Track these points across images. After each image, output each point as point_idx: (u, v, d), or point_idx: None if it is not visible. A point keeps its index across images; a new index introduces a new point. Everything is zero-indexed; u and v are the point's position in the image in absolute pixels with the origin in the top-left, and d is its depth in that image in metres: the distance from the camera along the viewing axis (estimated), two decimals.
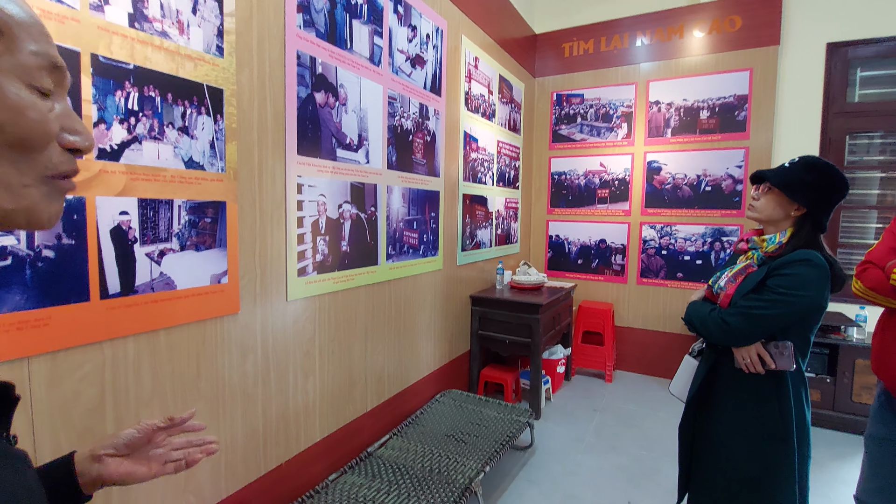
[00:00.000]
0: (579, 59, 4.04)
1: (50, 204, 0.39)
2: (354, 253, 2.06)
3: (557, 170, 4.22)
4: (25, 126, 0.35)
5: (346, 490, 1.83)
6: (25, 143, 0.36)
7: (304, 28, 1.72)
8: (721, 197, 3.58)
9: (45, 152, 0.38)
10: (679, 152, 3.70)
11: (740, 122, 3.48)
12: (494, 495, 2.22)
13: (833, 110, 3.24)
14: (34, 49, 0.36)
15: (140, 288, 1.25)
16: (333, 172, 1.91)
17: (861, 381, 2.83)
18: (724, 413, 1.34)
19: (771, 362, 1.24)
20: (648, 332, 3.87)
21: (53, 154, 0.39)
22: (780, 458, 1.23)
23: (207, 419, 1.46)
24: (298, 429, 1.83)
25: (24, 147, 0.36)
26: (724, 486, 1.32)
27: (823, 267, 1.19)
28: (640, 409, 3.23)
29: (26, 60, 0.36)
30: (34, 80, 0.36)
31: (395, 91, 2.26)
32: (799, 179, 1.24)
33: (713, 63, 3.53)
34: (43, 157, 0.38)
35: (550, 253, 4.29)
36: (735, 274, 1.35)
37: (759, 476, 1.25)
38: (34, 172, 0.37)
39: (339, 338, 2.02)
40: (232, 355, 1.53)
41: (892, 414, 1.39)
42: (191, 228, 1.37)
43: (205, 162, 1.39)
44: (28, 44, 0.36)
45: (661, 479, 2.37)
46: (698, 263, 3.68)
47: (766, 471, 1.24)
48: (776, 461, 1.23)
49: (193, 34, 1.34)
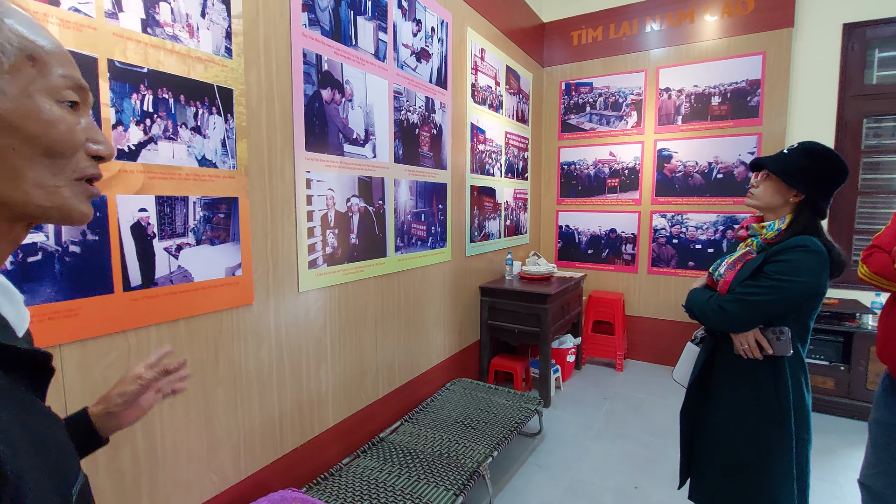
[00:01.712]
0: (588, 47, 4.00)
1: (79, 203, 0.46)
2: (363, 245, 2.11)
3: (567, 160, 4.21)
4: (56, 136, 0.43)
5: (360, 472, 1.91)
6: (56, 150, 0.43)
7: (310, 26, 1.76)
8: (733, 184, 3.54)
9: (73, 159, 0.45)
10: (690, 140, 3.66)
11: (753, 107, 3.42)
12: (503, 479, 2.28)
13: (850, 93, 3.16)
14: (62, 72, 0.44)
15: (160, 280, 1.33)
16: (341, 167, 1.96)
17: (876, 368, 2.79)
18: (723, 398, 1.36)
19: (768, 348, 1.26)
20: (659, 321, 3.86)
21: (81, 160, 0.46)
22: (775, 441, 1.25)
23: (227, 404, 1.54)
24: (312, 414, 1.91)
25: (55, 154, 0.43)
26: (723, 469, 1.35)
27: (820, 253, 1.20)
28: (649, 396, 3.25)
29: (56, 82, 0.43)
30: (63, 97, 0.44)
31: (401, 85, 2.29)
32: (797, 166, 1.25)
33: (725, 48, 3.47)
34: (72, 163, 0.45)
35: (560, 243, 4.29)
36: (734, 261, 1.36)
37: (755, 459, 1.28)
38: (64, 175, 0.44)
39: (350, 328, 2.09)
40: (248, 344, 1.61)
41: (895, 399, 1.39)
42: (205, 224, 1.44)
43: (217, 160, 1.46)
44: (57, 68, 0.43)
45: (667, 464, 2.39)
46: (710, 252, 3.65)
47: (762, 454, 1.27)
48: (772, 445, 1.25)
49: (203, 37, 1.39)
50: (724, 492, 1.35)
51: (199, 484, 1.47)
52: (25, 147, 0.41)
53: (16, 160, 0.41)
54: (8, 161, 0.40)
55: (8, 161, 0.40)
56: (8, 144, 0.40)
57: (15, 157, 0.41)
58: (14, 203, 0.42)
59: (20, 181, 0.41)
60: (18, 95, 0.40)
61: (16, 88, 0.40)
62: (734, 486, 1.32)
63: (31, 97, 0.41)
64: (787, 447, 1.23)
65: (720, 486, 1.36)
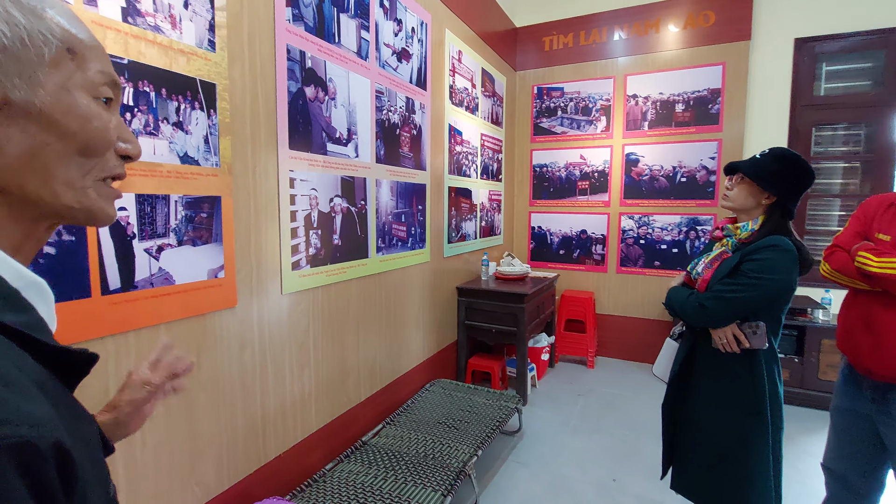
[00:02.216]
0: (559, 52, 4.11)
1: (105, 204, 0.44)
2: (346, 246, 2.08)
3: (539, 162, 4.30)
4: (93, 133, 0.40)
5: (345, 477, 1.88)
6: (91, 148, 0.41)
7: (294, 22, 1.72)
8: (696, 187, 3.71)
9: (104, 158, 0.43)
10: (656, 145, 3.81)
11: (713, 114, 3.61)
12: (486, 477, 2.30)
13: (800, 103, 3.39)
14: (99, 68, 0.42)
15: (140, 283, 1.26)
16: (324, 166, 1.92)
17: (826, 360, 3.01)
18: (703, 390, 1.43)
19: (745, 341, 1.33)
20: (628, 318, 4.01)
21: (111, 159, 0.44)
22: (754, 430, 1.32)
23: (209, 412, 1.48)
24: (296, 420, 1.86)
25: (90, 152, 0.41)
26: (704, 459, 1.42)
27: (792, 251, 1.29)
28: (621, 392, 3.36)
29: (94, 77, 0.41)
30: (99, 94, 0.42)
31: (383, 85, 2.28)
32: (769, 170, 1.33)
33: (688, 57, 3.65)
34: (102, 162, 0.43)
35: (533, 244, 4.38)
36: (711, 260, 1.44)
37: (735, 448, 1.35)
38: (93, 175, 0.42)
39: (333, 330, 2.05)
40: (231, 348, 1.55)
41: (855, 387, 1.50)
42: (187, 223, 1.38)
43: (199, 157, 1.40)
44: (95, 63, 0.41)
45: (643, 457, 2.48)
46: (674, 252, 3.82)
47: (742, 443, 1.34)
48: (751, 434, 1.33)
49: (186, 28, 1.34)
50: (707, 480, 1.42)
51: (181, 497, 1.40)
52: (61, 144, 0.39)
53: (49, 157, 0.38)
54: (41, 158, 0.38)
55: (41, 158, 0.38)
56: (44, 140, 0.38)
57: (49, 153, 0.38)
58: (42, 202, 0.39)
59: (50, 179, 0.39)
60: (58, 90, 0.38)
61: (55, 83, 0.38)
62: (716, 474, 1.39)
63: (69, 92, 0.39)
64: (765, 435, 1.31)
65: (702, 475, 1.43)
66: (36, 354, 0.35)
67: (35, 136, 0.37)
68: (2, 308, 0.35)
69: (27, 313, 0.37)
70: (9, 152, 0.36)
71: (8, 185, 0.37)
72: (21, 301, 0.37)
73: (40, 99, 0.37)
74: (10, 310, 0.35)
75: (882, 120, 3.23)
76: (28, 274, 0.39)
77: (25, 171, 0.37)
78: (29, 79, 0.36)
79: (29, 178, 0.38)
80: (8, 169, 0.37)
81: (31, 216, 0.40)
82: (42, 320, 0.39)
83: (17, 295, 0.37)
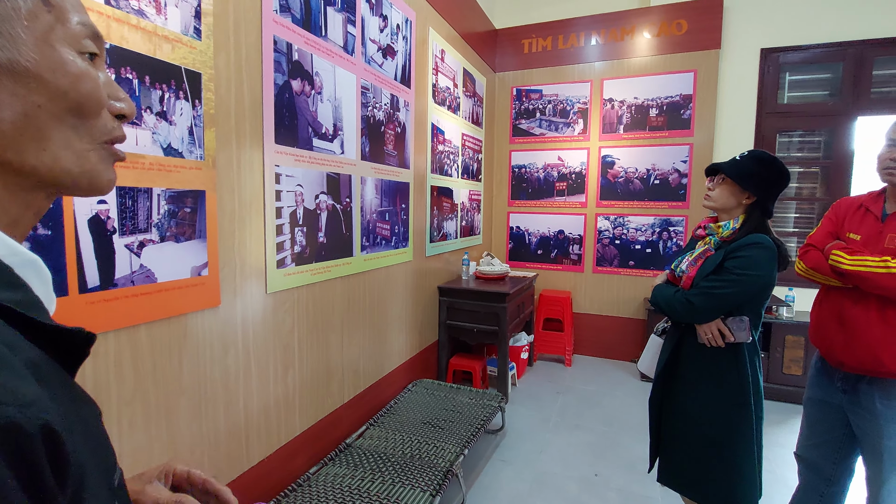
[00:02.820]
0: (538, 55, 4.16)
1: (107, 169, 0.41)
2: (331, 244, 2.04)
3: (518, 163, 4.34)
4: (84, 91, 0.37)
5: (330, 481, 1.83)
6: (84, 108, 0.38)
7: (281, 13, 1.67)
8: (668, 190, 3.84)
9: (99, 118, 0.39)
10: (630, 147, 3.92)
11: (685, 119, 3.74)
12: (472, 476, 2.30)
13: (766, 110, 3.56)
14: (79, 19, 0.38)
15: (120, 281, 1.19)
16: (310, 162, 1.88)
17: (790, 354, 3.16)
18: (689, 384, 1.47)
19: (730, 336, 1.38)
20: (603, 317, 4.09)
21: (107, 120, 0.40)
22: (740, 421, 1.38)
23: (190, 415, 1.42)
24: (279, 423, 1.80)
25: (83, 112, 0.38)
26: (691, 450, 1.46)
27: (772, 249, 1.35)
28: (599, 389, 3.43)
29: (75, 30, 0.37)
30: (83, 47, 0.38)
31: (368, 81, 2.24)
32: (749, 171, 1.39)
33: (661, 64, 3.76)
34: (98, 123, 0.39)
35: (511, 244, 4.41)
36: (695, 258, 1.48)
37: (721, 438, 1.40)
38: (91, 137, 0.39)
39: (318, 330, 2.00)
40: (213, 350, 1.49)
41: (827, 378, 1.58)
42: (170, 219, 1.32)
43: (184, 149, 1.34)
44: (73, 14, 0.38)
45: (622, 451, 2.54)
46: (648, 252, 3.94)
47: (729, 433, 1.39)
48: (737, 424, 1.38)
49: (171, 14, 1.27)
50: (694, 471, 1.46)
51: None
52: (52, 104, 0.36)
53: (43, 119, 0.35)
54: (34, 120, 0.35)
55: (34, 120, 0.35)
56: (34, 102, 0.34)
57: (42, 116, 0.35)
58: (40, 169, 0.36)
59: (47, 143, 0.36)
60: (41, 45, 0.35)
61: (37, 38, 0.35)
62: (703, 465, 1.43)
63: (53, 47, 0.35)
64: (750, 425, 1.36)
65: (690, 466, 1.47)
66: (31, 335, 0.32)
67: (25, 98, 0.34)
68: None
69: (21, 291, 0.34)
70: (1, 118, 0.33)
71: (3, 152, 0.34)
72: (15, 278, 0.34)
73: (24, 56, 0.34)
74: (2, 287, 0.33)
75: (839, 129, 3.43)
76: (23, 251, 0.36)
77: (21, 136, 0.34)
78: (10, 36, 0.33)
79: (26, 145, 0.35)
80: (2, 135, 0.34)
81: (28, 185, 0.37)
82: (38, 299, 0.36)
83: (11, 272, 0.34)
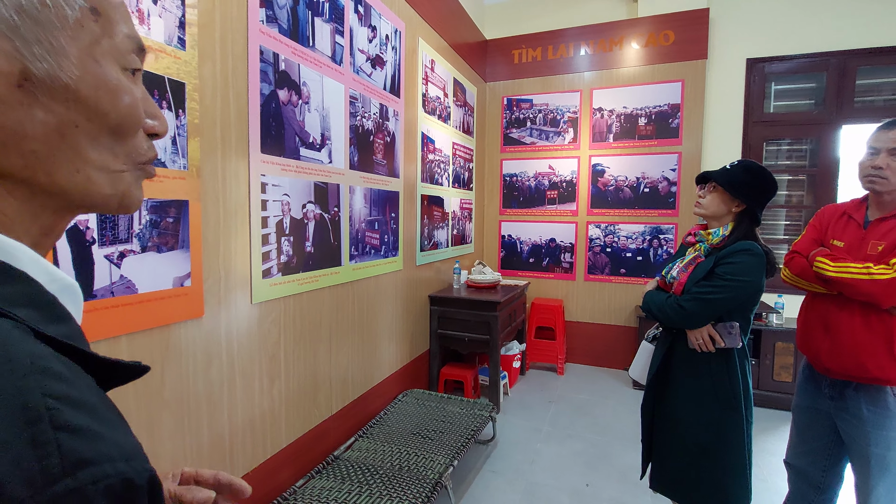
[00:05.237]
0: (528, 65, 4.20)
1: (138, 189, 0.39)
2: (318, 254, 2.02)
3: (509, 172, 4.36)
4: (124, 110, 0.35)
5: (317, 494, 1.80)
6: (122, 127, 0.36)
7: (268, 23, 1.68)
8: (658, 198, 3.86)
9: (134, 137, 0.37)
10: (620, 156, 3.95)
11: (674, 128, 3.78)
12: (462, 488, 2.27)
13: (752, 119, 3.61)
14: (126, 32, 0.36)
15: (99, 292, 1.17)
16: (297, 172, 1.87)
17: (780, 361, 3.17)
18: (681, 389, 1.47)
19: (721, 341, 1.39)
20: (595, 325, 4.09)
21: (141, 140, 0.38)
22: (731, 425, 1.38)
23: (172, 430, 1.39)
24: (265, 435, 1.77)
25: (121, 132, 0.36)
26: (683, 455, 1.46)
27: (761, 255, 1.36)
28: (591, 398, 3.41)
29: (122, 44, 0.35)
30: (127, 63, 0.36)
31: (357, 91, 2.25)
32: (740, 180, 1.40)
33: (650, 74, 3.81)
34: (133, 143, 0.37)
35: (503, 252, 4.42)
36: (686, 264, 1.49)
37: (713, 442, 1.40)
38: (126, 157, 0.37)
39: (305, 341, 1.98)
40: (197, 361, 1.46)
41: (815, 385, 1.59)
42: (152, 229, 1.30)
43: (167, 159, 1.33)
44: (121, 26, 0.35)
45: (614, 460, 2.52)
46: (639, 260, 3.95)
47: (720, 438, 1.39)
48: (728, 429, 1.38)
49: (154, 24, 1.27)
50: (686, 476, 1.45)
51: None
52: (91, 124, 0.33)
53: (79, 139, 0.33)
54: (69, 140, 0.32)
55: (69, 140, 0.32)
56: (71, 120, 0.32)
57: (78, 135, 0.33)
58: (72, 191, 0.34)
59: (82, 164, 0.33)
60: (85, 59, 0.32)
61: (81, 51, 0.32)
62: (695, 470, 1.43)
63: (97, 63, 0.33)
64: (740, 430, 1.37)
65: (682, 472, 1.46)
66: (86, 368, 0.30)
67: (62, 116, 0.32)
68: (44, 319, 0.30)
69: (67, 323, 0.32)
70: (34, 136, 0.31)
71: (34, 173, 0.32)
72: (61, 310, 0.32)
73: (66, 72, 0.31)
74: (52, 321, 0.30)
75: (824, 137, 3.48)
76: (62, 276, 0.33)
77: (54, 157, 0.32)
78: (51, 47, 0.31)
79: (59, 165, 0.32)
80: (34, 156, 0.31)
81: (55, 207, 0.35)
82: (80, 330, 0.34)
83: (57, 303, 0.32)
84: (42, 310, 0.30)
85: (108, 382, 0.34)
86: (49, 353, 0.27)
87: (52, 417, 0.24)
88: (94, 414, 0.26)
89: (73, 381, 0.27)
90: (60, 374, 0.26)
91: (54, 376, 0.26)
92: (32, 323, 0.28)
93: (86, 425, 0.25)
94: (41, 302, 0.31)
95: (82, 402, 0.26)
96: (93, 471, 0.24)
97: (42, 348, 0.27)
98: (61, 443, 0.23)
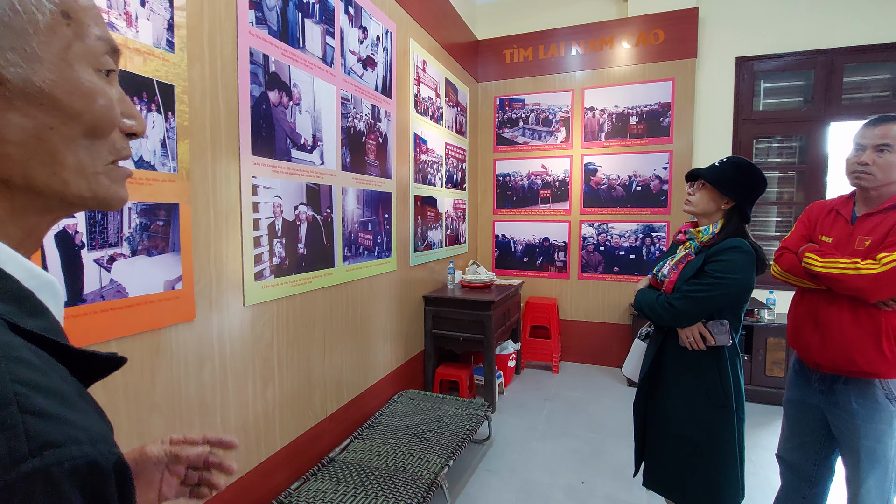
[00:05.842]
0: (520, 65, 4.21)
1: (119, 189, 0.40)
2: (311, 255, 2.02)
3: (502, 171, 4.37)
4: (99, 113, 0.36)
5: (312, 497, 1.80)
6: (98, 129, 0.36)
7: (257, 25, 1.67)
8: (650, 196, 3.89)
9: (110, 138, 0.38)
10: (612, 155, 3.97)
11: (665, 127, 3.80)
12: (457, 488, 2.27)
13: (742, 117, 3.64)
14: (98, 33, 0.36)
15: (89, 297, 1.16)
16: (289, 173, 1.87)
17: (772, 357, 3.19)
18: (673, 387, 1.48)
19: (711, 339, 1.40)
20: (589, 323, 4.11)
21: (117, 139, 0.39)
22: (722, 422, 1.38)
23: (163, 434, 1.38)
24: (259, 439, 1.77)
25: (97, 133, 0.36)
26: (675, 453, 1.47)
27: (751, 252, 1.37)
28: (585, 395, 3.42)
29: (94, 46, 0.36)
30: (101, 64, 0.36)
31: (348, 92, 2.25)
32: (728, 177, 1.41)
33: (640, 73, 3.83)
34: (108, 143, 0.38)
35: (497, 252, 4.42)
36: (676, 262, 1.50)
37: (705, 439, 1.41)
38: (102, 159, 0.37)
39: (298, 343, 1.97)
40: (188, 365, 1.46)
41: (805, 380, 1.60)
42: (142, 232, 1.29)
43: (156, 162, 1.32)
44: (93, 28, 0.36)
45: (609, 458, 2.53)
46: (632, 258, 3.97)
47: (711, 435, 1.40)
48: (720, 426, 1.39)
49: (142, 27, 1.26)
50: (678, 473, 1.46)
51: None
52: (66, 127, 0.34)
53: (55, 142, 0.34)
54: (46, 144, 0.33)
55: (46, 144, 0.33)
56: (46, 124, 0.33)
57: (54, 138, 0.33)
58: (51, 193, 0.35)
59: (59, 167, 0.34)
60: (57, 63, 0.33)
61: (54, 56, 0.33)
62: (687, 467, 1.44)
63: (70, 66, 0.34)
64: (732, 427, 1.38)
65: (674, 469, 1.47)
66: (62, 360, 0.31)
67: (37, 119, 0.32)
68: (21, 313, 0.30)
69: (44, 317, 0.33)
70: (10, 140, 0.32)
71: (11, 176, 0.32)
72: (38, 304, 0.33)
73: (40, 76, 0.32)
74: (29, 315, 0.31)
75: (813, 134, 3.51)
76: (41, 273, 0.34)
77: (31, 160, 0.33)
78: (25, 53, 0.31)
79: (35, 168, 0.33)
80: (9, 159, 0.32)
81: (37, 209, 0.35)
82: (58, 323, 0.35)
83: (33, 297, 0.33)
84: (19, 304, 0.31)
85: (90, 376, 0.35)
86: (22, 343, 0.28)
87: (20, 402, 0.24)
88: (64, 401, 0.27)
89: (45, 370, 0.27)
90: (31, 362, 0.27)
91: (24, 364, 0.26)
92: (8, 316, 0.29)
93: (54, 410, 0.26)
94: (18, 297, 0.31)
95: (52, 390, 0.27)
96: (58, 452, 0.24)
97: (15, 339, 0.28)
98: (28, 425, 0.24)
